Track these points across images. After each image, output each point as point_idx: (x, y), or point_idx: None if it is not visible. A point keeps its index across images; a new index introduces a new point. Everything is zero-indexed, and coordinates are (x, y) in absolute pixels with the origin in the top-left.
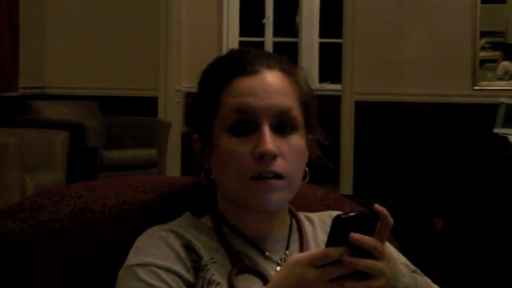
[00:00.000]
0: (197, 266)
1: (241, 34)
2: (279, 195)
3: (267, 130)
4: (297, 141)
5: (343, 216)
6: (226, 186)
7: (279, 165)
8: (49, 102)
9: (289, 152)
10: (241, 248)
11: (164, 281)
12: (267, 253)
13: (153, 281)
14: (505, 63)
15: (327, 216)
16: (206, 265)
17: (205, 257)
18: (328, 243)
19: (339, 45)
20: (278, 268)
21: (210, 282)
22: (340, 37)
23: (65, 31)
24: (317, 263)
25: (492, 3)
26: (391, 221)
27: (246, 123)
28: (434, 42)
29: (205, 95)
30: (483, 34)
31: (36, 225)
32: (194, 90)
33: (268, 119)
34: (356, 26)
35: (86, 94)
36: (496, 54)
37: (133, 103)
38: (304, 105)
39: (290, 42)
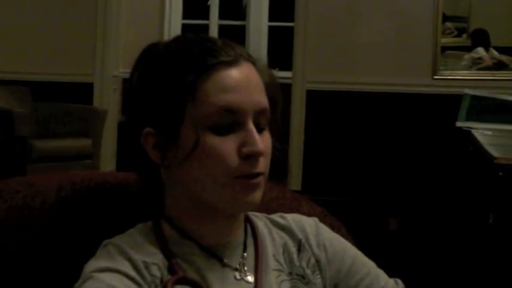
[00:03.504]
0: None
1: (185, 16)
2: (260, 194)
3: (253, 128)
4: (268, 137)
5: None
6: (202, 188)
7: (261, 164)
8: None
9: (266, 150)
10: (193, 256)
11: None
12: (225, 260)
13: (114, 281)
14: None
15: (278, 217)
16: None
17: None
18: None
19: (290, 29)
20: (237, 274)
21: None
22: (291, 20)
23: None
24: None
25: None
26: None
27: (232, 122)
28: (393, 27)
29: (170, 84)
30: (446, 19)
31: None
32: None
33: (251, 117)
34: (309, 9)
35: (16, 79)
36: (459, 40)
37: (67, 89)
38: (271, 100)
39: (237, 25)
